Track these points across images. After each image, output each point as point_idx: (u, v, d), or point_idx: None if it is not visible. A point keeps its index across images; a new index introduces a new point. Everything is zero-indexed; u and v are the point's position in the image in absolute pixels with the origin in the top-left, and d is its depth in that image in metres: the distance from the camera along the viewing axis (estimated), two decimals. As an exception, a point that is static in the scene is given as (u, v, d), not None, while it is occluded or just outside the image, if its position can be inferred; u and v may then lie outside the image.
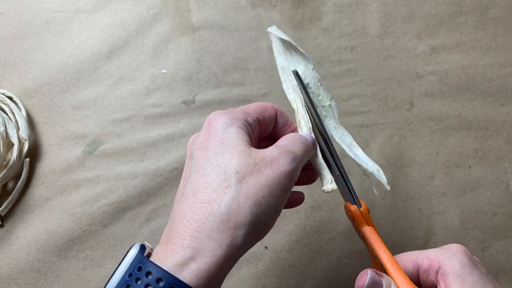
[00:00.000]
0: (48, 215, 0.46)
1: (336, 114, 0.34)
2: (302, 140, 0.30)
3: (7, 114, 0.48)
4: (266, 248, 0.45)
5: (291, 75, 0.34)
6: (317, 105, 0.34)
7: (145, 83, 0.51)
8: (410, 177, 0.48)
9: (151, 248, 0.27)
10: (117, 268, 0.26)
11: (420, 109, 0.50)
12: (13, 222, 0.46)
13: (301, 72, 0.34)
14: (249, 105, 0.31)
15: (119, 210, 0.46)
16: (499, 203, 0.47)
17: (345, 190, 0.32)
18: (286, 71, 0.35)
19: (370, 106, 0.50)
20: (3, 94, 0.49)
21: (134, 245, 0.27)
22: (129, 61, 0.52)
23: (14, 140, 0.46)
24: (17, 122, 0.47)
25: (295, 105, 0.33)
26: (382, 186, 0.33)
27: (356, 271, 0.29)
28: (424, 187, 0.48)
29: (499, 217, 0.47)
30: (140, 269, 0.25)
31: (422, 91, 0.51)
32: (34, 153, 0.48)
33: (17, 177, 0.47)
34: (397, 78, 0.51)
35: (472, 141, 0.49)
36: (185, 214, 0.26)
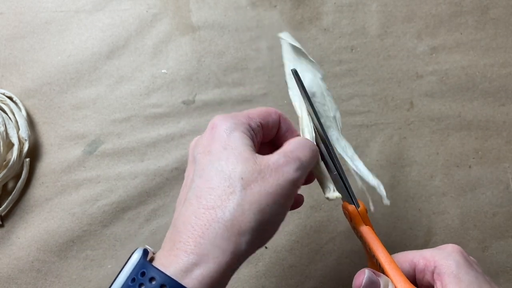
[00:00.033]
0: (48, 215, 0.46)
1: (339, 126, 0.34)
2: (310, 146, 0.30)
3: (7, 114, 0.48)
4: (266, 248, 0.45)
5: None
6: (322, 115, 0.34)
7: (145, 83, 0.51)
8: (410, 177, 0.48)
9: (153, 252, 0.27)
10: (120, 273, 0.26)
11: (420, 109, 0.50)
12: (13, 222, 0.46)
13: (309, 81, 0.34)
14: (253, 110, 0.31)
15: (119, 210, 0.46)
16: (499, 203, 0.47)
17: (343, 190, 0.32)
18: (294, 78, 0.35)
19: (370, 106, 0.50)
20: (3, 94, 0.49)
21: (137, 250, 0.27)
22: (129, 61, 0.52)
23: (14, 140, 0.46)
24: (17, 122, 0.47)
25: (300, 113, 0.33)
26: (379, 202, 0.33)
27: (356, 271, 0.29)
28: (424, 187, 0.48)
29: (499, 217, 0.47)
30: (144, 275, 0.25)
31: (422, 91, 0.51)
32: (34, 153, 0.48)
33: (17, 177, 0.47)
34: (397, 78, 0.51)
35: (472, 141, 0.49)
36: (189, 220, 0.26)
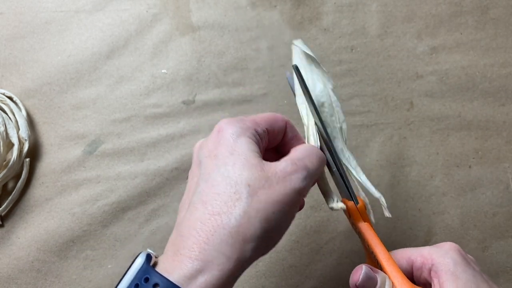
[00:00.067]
0: (48, 215, 0.46)
1: (345, 137, 0.34)
2: (318, 155, 0.29)
3: (7, 114, 0.48)
4: (266, 248, 0.45)
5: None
6: (328, 125, 0.34)
7: (145, 83, 0.51)
8: (410, 177, 0.48)
9: (156, 256, 0.27)
10: (123, 278, 0.26)
11: (420, 109, 0.50)
12: (13, 222, 0.46)
13: (320, 90, 0.34)
14: (260, 115, 0.30)
15: (119, 210, 0.46)
16: (499, 203, 0.47)
17: (342, 187, 0.32)
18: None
19: (370, 106, 0.50)
20: (3, 94, 0.49)
21: (140, 254, 0.26)
22: (129, 61, 0.52)
23: (14, 140, 0.46)
24: (17, 122, 0.47)
25: (306, 121, 0.33)
26: (379, 202, 0.33)
27: (356, 271, 0.29)
28: (424, 187, 0.48)
29: (499, 217, 0.47)
30: (147, 280, 0.24)
31: (422, 91, 0.51)
32: (34, 153, 0.48)
33: (17, 177, 0.47)
34: (397, 78, 0.51)
35: (472, 141, 0.49)
36: (194, 225, 0.25)
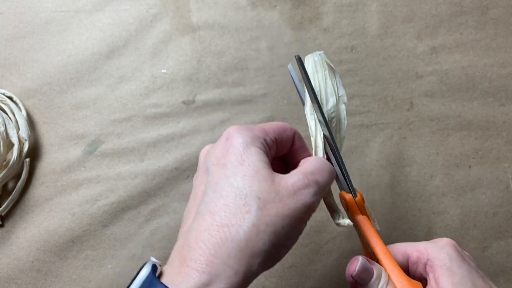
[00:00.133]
0: (48, 215, 0.46)
1: (341, 148, 0.34)
2: (329, 169, 0.29)
3: (7, 114, 0.48)
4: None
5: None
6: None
7: (145, 83, 0.51)
8: (410, 177, 0.48)
9: (160, 264, 0.26)
10: None
11: (420, 109, 0.50)
12: (13, 222, 0.46)
13: (332, 105, 0.33)
14: (268, 124, 0.30)
15: (119, 210, 0.46)
16: (499, 203, 0.47)
17: (341, 180, 0.32)
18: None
19: (370, 106, 0.50)
20: (3, 94, 0.49)
21: (146, 264, 0.26)
22: (129, 61, 0.52)
23: (14, 140, 0.46)
24: (17, 122, 0.47)
25: (314, 132, 0.33)
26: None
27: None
28: (424, 187, 0.48)
29: (499, 217, 0.47)
30: None
31: (422, 91, 0.51)
32: (34, 153, 0.48)
33: (17, 177, 0.47)
34: (397, 78, 0.51)
35: (472, 141, 0.49)
36: (202, 236, 0.25)
